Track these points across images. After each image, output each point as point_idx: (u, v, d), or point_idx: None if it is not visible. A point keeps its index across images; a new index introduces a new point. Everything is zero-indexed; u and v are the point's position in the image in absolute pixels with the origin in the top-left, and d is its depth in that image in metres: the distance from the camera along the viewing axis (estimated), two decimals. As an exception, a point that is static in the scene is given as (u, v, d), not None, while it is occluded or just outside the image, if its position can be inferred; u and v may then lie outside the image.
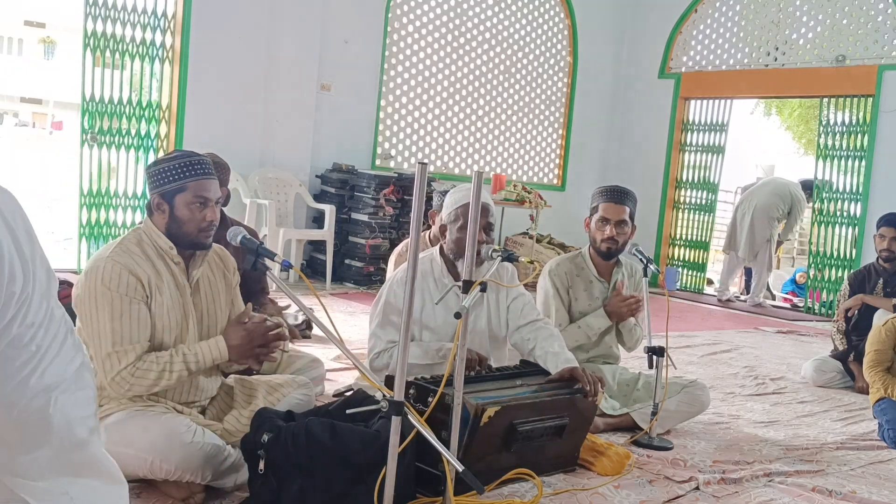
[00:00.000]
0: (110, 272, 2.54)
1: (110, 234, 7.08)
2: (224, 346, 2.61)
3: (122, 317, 2.52)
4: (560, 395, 3.09)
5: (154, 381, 2.54)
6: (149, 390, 2.56)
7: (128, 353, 2.51)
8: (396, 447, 2.31)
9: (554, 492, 2.93)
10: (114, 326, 2.52)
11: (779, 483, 3.28)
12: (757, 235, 9.08)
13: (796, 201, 9.07)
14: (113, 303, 2.52)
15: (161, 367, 2.53)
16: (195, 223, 2.64)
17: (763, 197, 9.13)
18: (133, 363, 2.51)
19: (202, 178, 2.65)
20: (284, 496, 2.43)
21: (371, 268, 7.85)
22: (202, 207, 2.65)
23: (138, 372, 2.52)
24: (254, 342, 2.61)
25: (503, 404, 2.84)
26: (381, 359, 3.37)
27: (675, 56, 10.38)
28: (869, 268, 5.50)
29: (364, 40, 8.40)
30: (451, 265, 3.45)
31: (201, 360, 2.59)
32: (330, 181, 8.09)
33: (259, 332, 2.63)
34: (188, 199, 2.63)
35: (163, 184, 2.64)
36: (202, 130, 7.27)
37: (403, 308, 2.34)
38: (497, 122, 9.83)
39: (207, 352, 2.60)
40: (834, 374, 5.34)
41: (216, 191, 2.70)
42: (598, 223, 3.87)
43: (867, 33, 8.82)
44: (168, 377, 2.54)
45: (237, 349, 2.62)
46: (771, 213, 9.04)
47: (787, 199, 9.06)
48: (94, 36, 6.85)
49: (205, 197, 2.65)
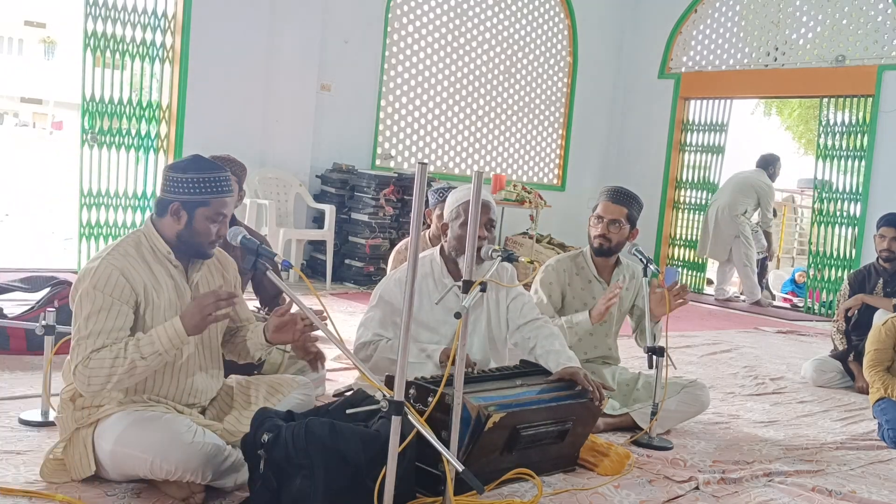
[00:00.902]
0: (101, 273, 2.54)
1: (110, 234, 7.08)
2: (178, 323, 2.53)
3: (98, 314, 2.52)
4: (565, 402, 3.08)
5: (109, 370, 2.47)
6: (107, 380, 2.49)
7: (87, 347, 2.49)
8: (396, 447, 2.32)
9: (554, 491, 2.94)
10: (87, 322, 2.52)
11: (778, 483, 3.28)
12: (724, 235, 9.04)
13: (760, 190, 9.01)
14: (95, 301, 2.52)
15: (114, 353, 2.48)
16: (208, 236, 2.68)
17: (725, 196, 9.11)
18: (88, 355, 2.49)
19: (226, 195, 2.69)
20: (284, 496, 2.43)
21: (371, 268, 7.85)
22: (218, 223, 2.68)
23: (92, 362, 2.48)
24: (204, 309, 2.53)
25: (508, 411, 2.84)
26: (366, 350, 3.38)
27: (674, 56, 10.38)
28: (869, 268, 5.50)
29: (364, 40, 8.41)
30: (451, 265, 3.46)
31: (157, 341, 2.51)
32: (330, 181, 8.10)
33: (206, 299, 2.55)
34: (209, 213, 2.65)
35: (187, 193, 2.64)
36: (202, 130, 7.27)
37: (403, 308, 2.35)
38: (497, 122, 9.83)
39: (163, 332, 2.52)
40: (834, 373, 5.34)
41: (231, 206, 2.75)
42: (594, 220, 3.90)
43: (867, 33, 8.82)
44: (122, 364, 2.47)
45: (189, 318, 2.53)
46: (734, 210, 8.98)
47: (749, 193, 9.00)
48: (95, 36, 6.85)
49: (224, 214, 2.69)
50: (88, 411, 2.60)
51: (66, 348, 3.08)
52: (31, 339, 4.14)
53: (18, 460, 2.79)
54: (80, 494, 2.54)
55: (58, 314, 3.39)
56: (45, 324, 3.30)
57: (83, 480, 2.60)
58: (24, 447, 2.92)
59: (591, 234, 3.91)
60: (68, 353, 2.76)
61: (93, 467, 2.56)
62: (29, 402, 3.41)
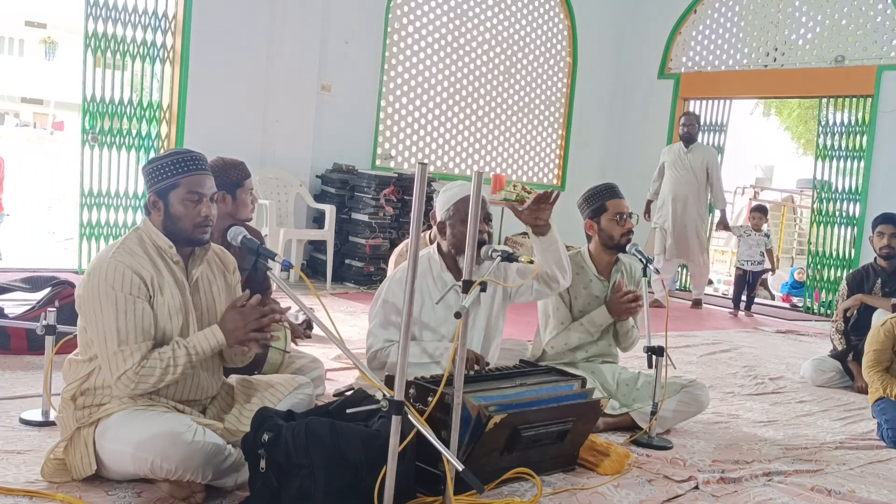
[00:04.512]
0: (114, 271, 2.55)
1: (111, 234, 7.09)
2: (220, 332, 2.59)
3: (126, 315, 2.53)
4: (565, 401, 3.09)
5: (159, 378, 2.55)
6: (154, 387, 2.56)
7: (133, 352, 2.52)
8: (396, 447, 2.32)
9: (553, 491, 2.94)
10: (119, 325, 2.52)
11: (778, 482, 3.28)
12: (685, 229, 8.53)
13: (710, 164, 8.49)
14: (118, 302, 2.53)
15: (165, 362, 2.54)
16: (190, 219, 2.65)
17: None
18: (139, 363, 2.52)
19: (195, 173, 2.67)
20: (285, 496, 2.43)
21: (371, 268, 7.86)
22: (196, 203, 2.65)
23: (143, 371, 2.52)
24: (248, 325, 2.58)
25: (509, 411, 2.84)
26: (379, 357, 3.38)
27: (674, 56, 10.39)
28: (867, 268, 5.50)
29: (364, 40, 8.41)
30: (449, 261, 3.46)
31: (200, 350, 2.58)
32: (330, 181, 8.11)
33: (253, 314, 2.61)
34: (182, 195, 2.65)
35: (157, 182, 2.67)
36: (202, 130, 7.28)
37: (403, 308, 2.35)
38: (497, 122, 9.84)
39: (204, 340, 2.59)
40: (833, 373, 5.34)
41: (211, 186, 2.71)
42: (616, 219, 3.88)
43: (866, 34, 8.83)
44: (173, 371, 2.55)
45: (233, 333, 2.60)
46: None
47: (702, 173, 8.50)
48: (95, 36, 6.86)
49: (198, 192, 2.66)
50: (89, 411, 2.61)
51: (66, 348, 3.09)
52: (31, 338, 4.14)
53: (19, 460, 2.79)
54: (81, 494, 2.55)
55: (58, 314, 3.39)
56: (46, 323, 3.31)
57: (84, 480, 2.60)
58: (25, 447, 2.92)
59: (616, 233, 3.88)
60: (69, 352, 2.77)
61: (94, 467, 2.57)
62: (30, 401, 3.41)
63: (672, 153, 8.64)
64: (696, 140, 8.63)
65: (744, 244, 8.61)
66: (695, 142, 8.56)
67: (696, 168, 8.45)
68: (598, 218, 3.91)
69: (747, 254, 8.55)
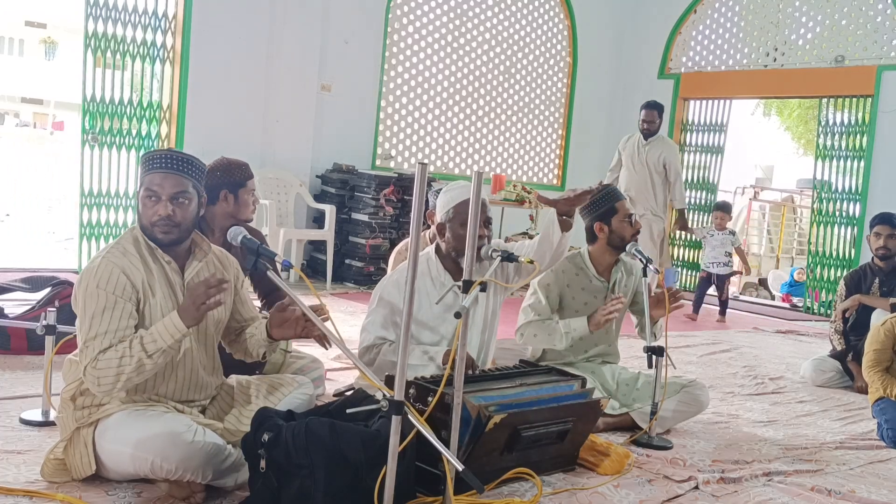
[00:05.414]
0: (103, 271, 2.56)
1: (111, 234, 7.09)
2: (176, 317, 2.54)
3: (103, 314, 2.53)
4: (565, 401, 3.09)
5: (117, 370, 2.48)
6: (117, 380, 2.49)
7: (94, 349, 2.50)
8: (396, 447, 2.33)
9: (553, 491, 2.94)
10: (93, 322, 2.52)
11: (778, 482, 3.29)
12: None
13: (668, 160, 8.01)
14: (99, 300, 2.53)
15: (120, 353, 2.49)
16: (147, 218, 2.65)
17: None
18: (94, 357, 2.49)
19: (155, 171, 2.65)
20: (285, 495, 2.44)
21: (371, 268, 7.86)
22: (154, 202, 2.64)
23: (100, 363, 2.49)
24: (196, 299, 2.52)
25: (509, 411, 2.84)
26: (370, 353, 3.38)
27: (674, 56, 10.39)
28: (864, 268, 5.50)
29: (364, 40, 8.41)
30: (448, 263, 3.46)
31: (158, 338, 2.51)
32: (330, 181, 8.11)
33: (199, 289, 2.53)
34: (142, 193, 2.67)
35: (138, 185, 2.72)
36: (202, 130, 7.28)
37: (403, 308, 2.35)
38: (497, 122, 9.84)
39: (162, 328, 2.53)
40: (833, 373, 5.35)
41: (172, 186, 2.64)
42: (626, 220, 3.89)
43: (866, 34, 8.83)
44: (129, 362, 2.48)
45: (185, 311, 2.53)
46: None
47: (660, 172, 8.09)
48: (95, 36, 6.86)
49: (152, 190, 2.64)
50: (89, 411, 2.61)
51: (66, 348, 3.10)
52: (31, 338, 4.15)
53: (19, 460, 2.80)
54: (81, 494, 2.55)
55: (58, 314, 3.40)
56: (46, 323, 3.31)
57: (84, 480, 2.60)
58: (25, 447, 2.93)
59: (627, 234, 3.91)
60: (69, 352, 2.77)
61: (93, 467, 2.57)
62: (29, 401, 3.42)
63: (630, 146, 8.11)
64: (657, 134, 7.96)
65: (707, 245, 8.19)
66: (654, 135, 7.93)
67: (651, 164, 7.93)
68: (609, 220, 3.90)
69: (711, 255, 8.11)
